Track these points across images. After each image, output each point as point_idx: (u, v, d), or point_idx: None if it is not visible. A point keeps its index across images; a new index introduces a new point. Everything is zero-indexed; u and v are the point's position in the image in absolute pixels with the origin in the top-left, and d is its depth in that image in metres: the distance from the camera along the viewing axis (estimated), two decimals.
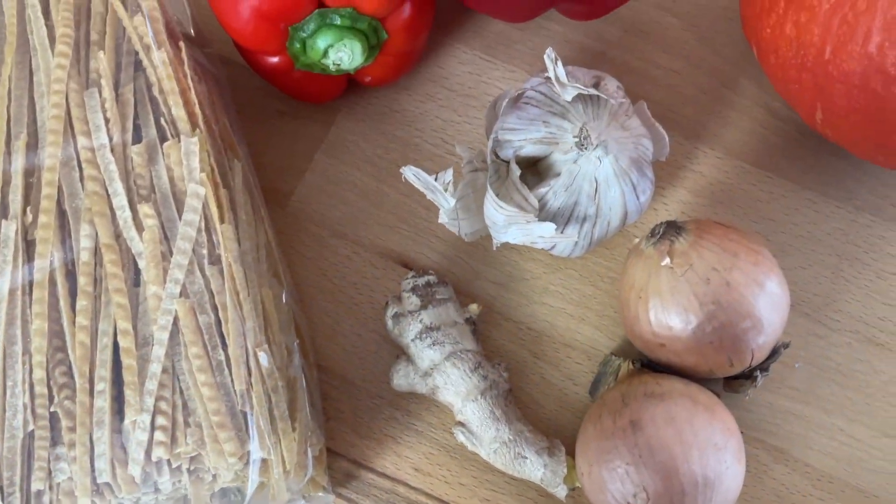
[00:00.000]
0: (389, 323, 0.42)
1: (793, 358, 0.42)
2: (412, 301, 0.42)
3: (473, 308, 0.42)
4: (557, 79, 0.38)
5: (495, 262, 0.45)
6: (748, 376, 0.39)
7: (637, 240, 0.39)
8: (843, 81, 0.35)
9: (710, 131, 0.46)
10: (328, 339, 0.44)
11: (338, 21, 0.40)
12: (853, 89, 0.35)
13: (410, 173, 0.38)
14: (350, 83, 0.46)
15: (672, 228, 0.38)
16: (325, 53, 0.41)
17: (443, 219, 0.40)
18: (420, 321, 0.41)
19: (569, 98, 0.38)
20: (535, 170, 0.42)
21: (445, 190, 0.39)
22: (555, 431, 0.42)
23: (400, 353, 0.43)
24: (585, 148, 0.38)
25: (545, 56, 0.38)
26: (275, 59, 0.42)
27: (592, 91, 0.38)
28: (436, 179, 0.39)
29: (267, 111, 0.48)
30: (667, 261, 0.37)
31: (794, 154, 0.45)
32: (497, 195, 0.41)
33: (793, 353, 0.42)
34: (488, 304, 0.44)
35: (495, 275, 0.45)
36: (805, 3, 0.35)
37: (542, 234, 0.39)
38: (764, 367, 0.39)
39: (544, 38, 0.49)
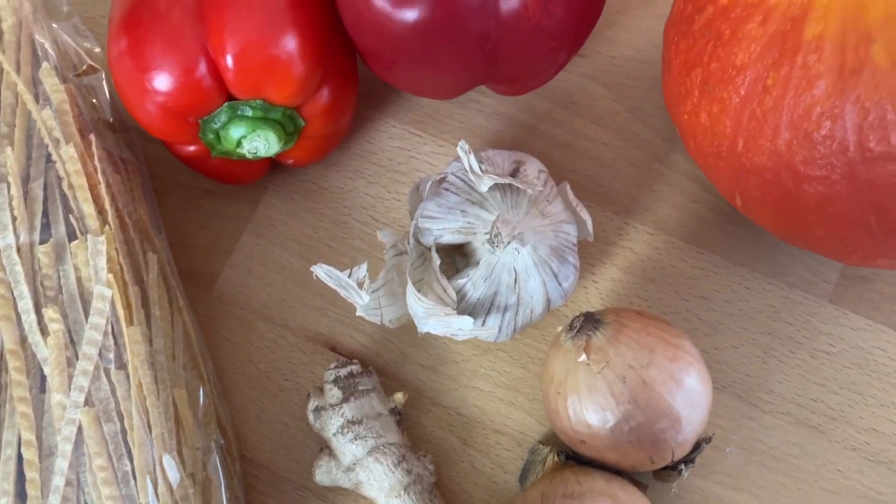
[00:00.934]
0: (311, 416, 0.41)
1: (724, 442, 0.41)
2: (334, 394, 0.41)
3: (398, 397, 0.42)
4: (472, 170, 0.38)
5: (425, 344, 0.44)
6: (674, 468, 0.38)
7: (559, 329, 0.39)
8: (756, 174, 0.35)
9: (641, 206, 0.45)
10: (253, 429, 0.43)
11: (249, 113, 0.39)
12: (766, 183, 0.35)
13: (322, 272, 0.37)
14: (274, 163, 0.45)
15: (590, 322, 0.37)
16: (240, 143, 0.40)
17: (360, 312, 0.39)
18: (342, 415, 0.40)
19: (484, 189, 0.38)
20: (461, 251, 0.41)
21: (361, 286, 0.38)
22: None
23: (324, 445, 0.42)
24: (497, 245, 0.37)
25: (458, 148, 0.37)
26: (191, 148, 0.41)
27: (508, 180, 0.38)
28: (349, 275, 0.38)
29: (192, 190, 0.47)
30: (583, 357, 0.36)
31: (726, 229, 0.45)
32: (420, 282, 0.40)
33: (724, 436, 0.42)
34: (417, 389, 0.43)
35: (424, 357, 0.44)
36: (716, 95, 0.35)
37: (460, 327, 0.38)
38: (688, 459, 0.38)
39: (474, 112, 0.48)
